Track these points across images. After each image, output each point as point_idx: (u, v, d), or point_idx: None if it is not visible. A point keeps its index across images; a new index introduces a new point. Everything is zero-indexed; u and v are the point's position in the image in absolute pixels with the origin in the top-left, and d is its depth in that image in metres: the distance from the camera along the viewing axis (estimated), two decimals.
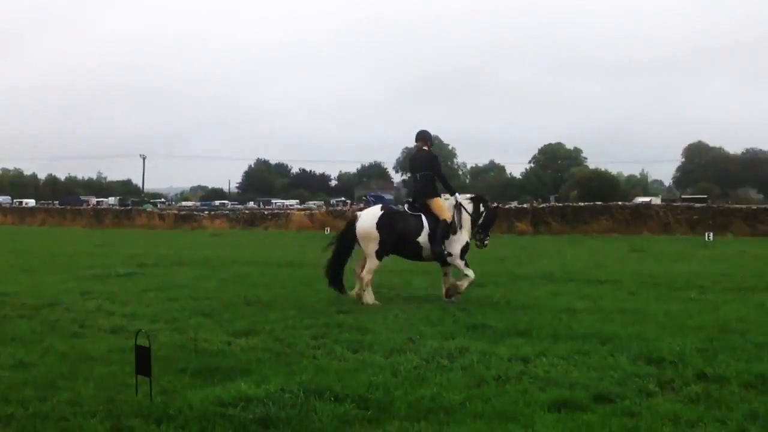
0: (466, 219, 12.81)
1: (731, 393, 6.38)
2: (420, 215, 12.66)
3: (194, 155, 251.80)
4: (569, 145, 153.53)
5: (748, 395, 6.32)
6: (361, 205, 63.35)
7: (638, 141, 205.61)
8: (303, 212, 55.15)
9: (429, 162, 13.17)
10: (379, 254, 12.46)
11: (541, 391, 6.56)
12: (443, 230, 12.48)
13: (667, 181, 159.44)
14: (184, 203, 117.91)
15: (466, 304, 11.72)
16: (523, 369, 7.37)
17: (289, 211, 57.43)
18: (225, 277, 16.30)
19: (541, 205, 46.80)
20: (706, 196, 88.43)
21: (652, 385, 6.66)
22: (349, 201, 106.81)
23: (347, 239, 12.78)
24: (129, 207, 75.19)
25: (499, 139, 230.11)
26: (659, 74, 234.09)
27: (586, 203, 42.95)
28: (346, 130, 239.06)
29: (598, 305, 11.37)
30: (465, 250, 12.70)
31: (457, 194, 12.98)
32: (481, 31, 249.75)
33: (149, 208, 73.88)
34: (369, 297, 12.29)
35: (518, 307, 11.32)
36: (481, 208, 13.05)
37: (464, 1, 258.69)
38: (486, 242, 13.22)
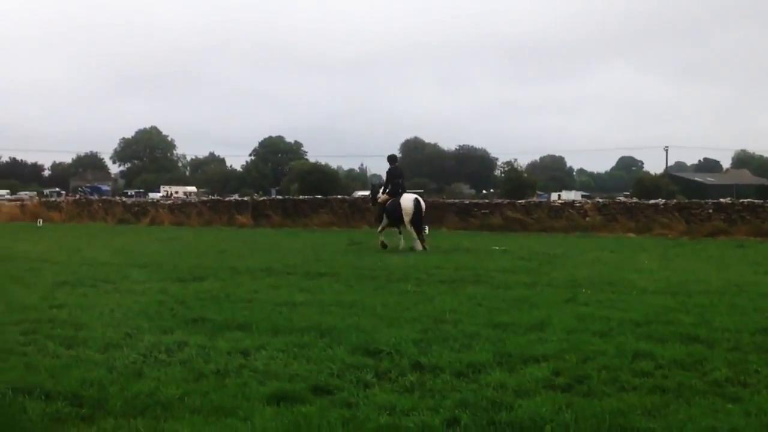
0: None
1: (444, 382, 6.60)
2: None
3: None
4: (289, 139, 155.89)
5: (460, 383, 6.56)
6: (77, 196, 60.54)
7: (357, 136, 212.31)
8: (14, 203, 51.86)
9: (403, 172, 24.41)
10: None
11: (261, 384, 6.51)
12: None
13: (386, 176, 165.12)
14: None
15: (186, 297, 11.42)
16: (242, 362, 7.28)
17: None
18: None
19: (261, 198, 46.80)
20: (422, 191, 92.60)
21: (369, 376, 6.77)
22: (63, 192, 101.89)
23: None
24: None
25: (218, 131, 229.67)
26: (372, 71, 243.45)
27: (306, 197, 43.37)
28: (60, 120, 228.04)
29: (318, 298, 11.44)
30: None
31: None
32: (194, 21, 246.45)
33: None
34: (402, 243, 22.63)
35: (238, 301, 11.17)
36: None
37: None
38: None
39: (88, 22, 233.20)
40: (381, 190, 24.11)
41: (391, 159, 23.91)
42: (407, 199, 22.63)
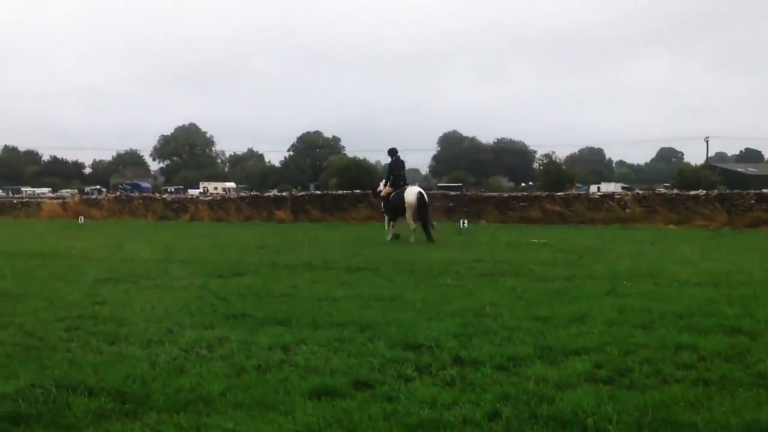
0: None
1: (485, 375, 6.59)
2: None
3: None
4: (327, 134, 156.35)
5: (501, 377, 6.54)
6: (118, 193, 61.19)
7: (395, 130, 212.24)
8: (56, 201, 52.57)
9: (405, 164, 25.20)
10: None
11: (302, 379, 6.53)
12: None
13: (424, 170, 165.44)
14: None
15: (226, 293, 11.51)
16: (283, 357, 7.32)
17: (40, 200, 54.64)
18: None
19: (300, 194, 46.87)
20: (461, 184, 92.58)
21: (409, 370, 6.77)
22: (104, 189, 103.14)
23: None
24: None
25: (256, 127, 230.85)
26: (410, 65, 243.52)
27: (345, 191, 43.34)
28: (99, 117, 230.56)
29: (357, 292, 11.46)
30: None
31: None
32: (230, 18, 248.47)
33: None
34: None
35: (278, 296, 11.23)
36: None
37: None
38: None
39: (129, 21, 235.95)
40: (382, 183, 25.23)
41: (392, 152, 24.65)
42: (411, 193, 23.44)
